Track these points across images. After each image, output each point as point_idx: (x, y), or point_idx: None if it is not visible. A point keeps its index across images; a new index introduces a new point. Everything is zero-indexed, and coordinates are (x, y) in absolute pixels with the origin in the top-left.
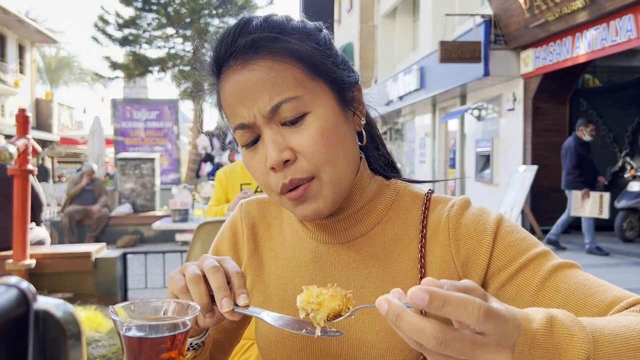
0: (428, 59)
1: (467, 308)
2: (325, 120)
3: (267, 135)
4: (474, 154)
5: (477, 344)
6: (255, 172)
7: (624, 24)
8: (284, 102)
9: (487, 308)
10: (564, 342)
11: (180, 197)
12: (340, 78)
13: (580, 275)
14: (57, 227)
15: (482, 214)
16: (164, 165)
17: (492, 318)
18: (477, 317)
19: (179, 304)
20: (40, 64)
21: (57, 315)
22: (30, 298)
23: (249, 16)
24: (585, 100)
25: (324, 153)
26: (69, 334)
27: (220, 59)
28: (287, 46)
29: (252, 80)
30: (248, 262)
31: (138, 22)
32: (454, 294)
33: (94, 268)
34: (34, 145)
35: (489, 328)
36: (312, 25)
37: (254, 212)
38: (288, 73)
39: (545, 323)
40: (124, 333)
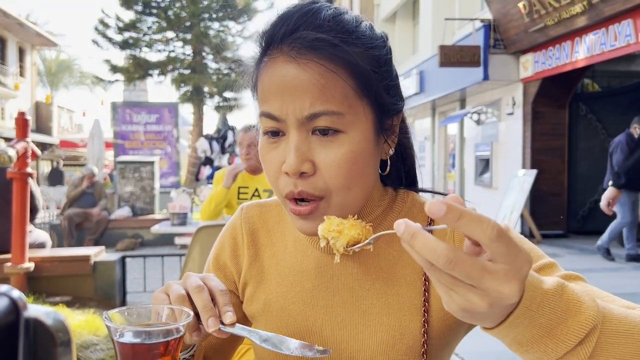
0: (428, 63)
1: (481, 224)
2: (357, 145)
3: (293, 138)
4: (474, 157)
5: (487, 270)
6: (268, 165)
7: (623, 29)
8: (325, 113)
9: (501, 229)
10: (573, 307)
11: (179, 200)
12: (386, 104)
13: (587, 286)
14: (56, 230)
15: None
16: (163, 169)
17: (504, 241)
18: (490, 234)
19: (172, 309)
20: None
21: (47, 323)
22: (20, 306)
23: (314, 6)
24: (585, 105)
25: (343, 178)
26: (58, 341)
27: (274, 39)
28: (347, 57)
29: (299, 78)
30: (248, 269)
31: (138, 25)
32: (471, 210)
33: (93, 271)
34: (34, 148)
35: (499, 250)
36: (378, 35)
37: (255, 217)
38: (338, 85)
39: (556, 286)
40: (118, 339)
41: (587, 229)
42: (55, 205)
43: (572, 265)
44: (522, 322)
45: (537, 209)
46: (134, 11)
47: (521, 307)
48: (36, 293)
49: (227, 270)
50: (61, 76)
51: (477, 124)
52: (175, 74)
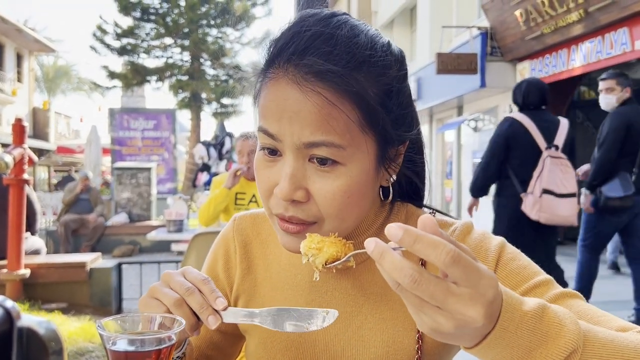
0: (425, 70)
1: (435, 249)
2: (355, 179)
3: (288, 162)
4: (471, 164)
5: (450, 292)
6: (261, 181)
7: (619, 37)
8: (324, 144)
9: (457, 254)
10: (553, 330)
11: (176, 207)
12: (391, 136)
13: (583, 305)
14: (52, 237)
15: (484, 239)
16: (160, 175)
17: (460, 265)
18: (444, 259)
19: (164, 317)
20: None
21: (40, 332)
22: (14, 316)
23: (335, 24)
24: (582, 112)
25: (337, 210)
26: (50, 350)
27: (281, 55)
28: (355, 89)
29: (301, 104)
30: (241, 282)
31: (136, 32)
32: (428, 235)
33: (89, 278)
34: (30, 154)
35: (456, 275)
36: (394, 55)
37: (248, 228)
38: (341, 118)
39: (537, 308)
40: (110, 347)
41: None
42: (52, 211)
43: (568, 273)
44: (500, 343)
45: None
46: (132, 17)
47: (498, 328)
48: (32, 300)
49: (219, 282)
50: (59, 82)
51: (474, 131)
52: (173, 80)
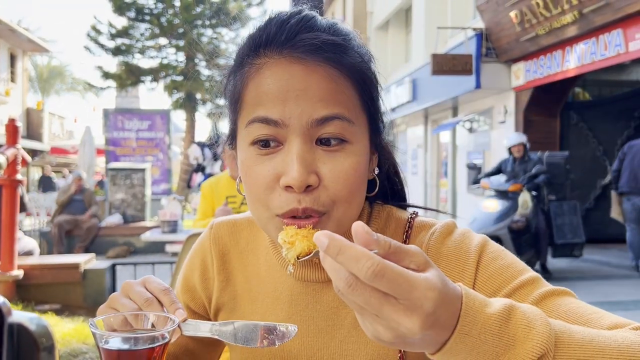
0: (420, 71)
1: (358, 262)
2: (361, 157)
3: (295, 147)
4: (466, 165)
5: (386, 301)
6: (257, 181)
7: (613, 39)
8: (338, 117)
9: (379, 268)
10: (521, 333)
11: (170, 208)
12: (378, 121)
13: (572, 302)
14: (46, 238)
15: (464, 240)
16: (155, 176)
17: (385, 279)
18: (365, 274)
19: (158, 316)
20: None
21: (31, 328)
22: (4, 312)
23: (310, 12)
24: (576, 114)
25: (348, 191)
26: (41, 346)
27: (271, 43)
28: (352, 61)
29: (310, 80)
30: (220, 295)
31: (131, 32)
32: (353, 246)
33: (83, 279)
34: (24, 155)
35: (383, 288)
36: (368, 51)
37: (225, 237)
38: (347, 92)
39: (502, 310)
40: (103, 345)
41: None
42: (46, 212)
43: (563, 274)
44: (463, 349)
45: None
46: (127, 18)
47: (457, 333)
48: (25, 301)
49: (196, 294)
50: (53, 82)
51: (469, 132)
52: (167, 81)
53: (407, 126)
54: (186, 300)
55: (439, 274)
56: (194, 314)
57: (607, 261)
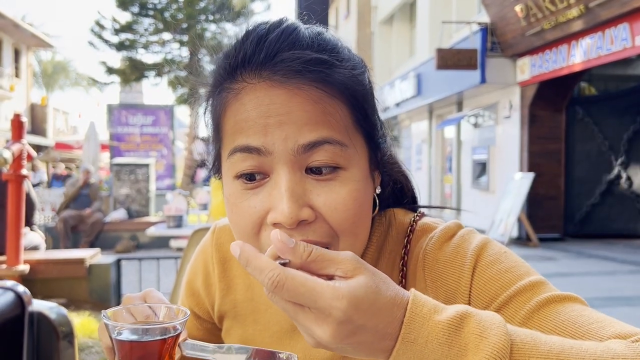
0: (425, 65)
1: (262, 273)
2: (360, 183)
3: (283, 178)
4: (471, 161)
5: (300, 309)
6: (243, 219)
7: (619, 33)
8: (328, 142)
9: (280, 279)
10: (472, 343)
11: (175, 203)
12: (376, 135)
13: (575, 310)
14: (51, 233)
15: (462, 244)
16: (159, 171)
17: (285, 290)
18: (267, 285)
19: (169, 308)
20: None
21: (51, 317)
22: (25, 301)
23: (292, 24)
24: (582, 108)
25: (351, 223)
26: (61, 335)
27: (247, 64)
28: (341, 79)
29: (290, 103)
30: (222, 302)
31: (134, 27)
32: (259, 258)
33: (88, 274)
34: (29, 150)
35: (286, 297)
36: (358, 58)
37: (227, 243)
38: (337, 112)
39: (453, 317)
40: (116, 337)
41: (583, 232)
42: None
43: (569, 269)
44: (411, 357)
45: (534, 212)
46: (130, 13)
47: (402, 341)
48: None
49: (200, 298)
50: (57, 78)
51: (474, 127)
52: (171, 76)
53: (411, 121)
54: (191, 305)
55: (367, 281)
56: (199, 318)
57: (612, 256)
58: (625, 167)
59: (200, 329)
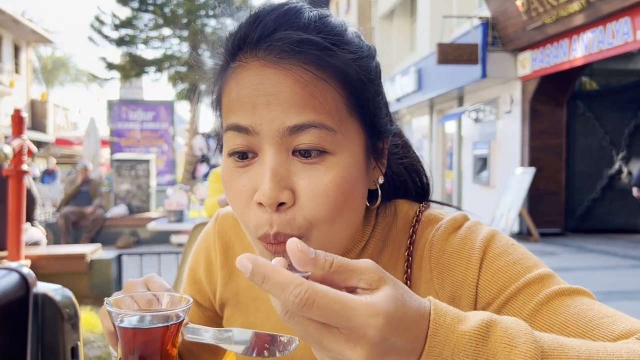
0: (425, 60)
1: (285, 290)
2: (347, 170)
3: (269, 158)
4: (471, 156)
5: (326, 330)
6: (234, 195)
7: (620, 27)
8: (314, 126)
9: (309, 296)
10: (501, 352)
11: (176, 197)
12: (376, 123)
13: (584, 304)
14: (52, 228)
15: (469, 235)
16: (159, 167)
17: (314, 308)
18: (293, 302)
19: (172, 296)
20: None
21: (56, 299)
22: (30, 282)
23: (295, 5)
24: (583, 103)
25: (328, 210)
26: (66, 317)
27: (246, 43)
28: (337, 63)
29: (280, 84)
30: (223, 290)
31: (134, 22)
32: (280, 272)
33: (89, 269)
34: (30, 145)
35: (315, 317)
36: (366, 46)
37: (230, 230)
38: (328, 96)
39: (479, 326)
40: (119, 324)
41: (584, 227)
42: (51, 203)
43: (570, 264)
44: None
45: (535, 207)
46: (130, 8)
47: (427, 355)
48: None
49: (201, 286)
50: (57, 73)
51: (475, 122)
52: (171, 72)
53: (412, 116)
54: (193, 293)
55: (394, 293)
56: (200, 307)
57: (614, 251)
58: (626, 162)
59: (201, 317)
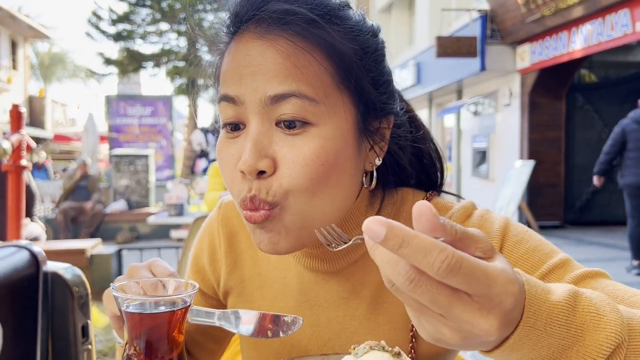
0: (424, 54)
1: (428, 255)
2: (330, 142)
3: (252, 128)
4: (471, 149)
5: (457, 298)
6: (223, 164)
7: (619, 19)
8: (295, 95)
9: (456, 260)
10: (590, 322)
11: (176, 191)
12: (371, 100)
13: (609, 284)
14: (51, 224)
15: (484, 223)
16: (158, 162)
17: (460, 274)
18: (439, 268)
19: (178, 282)
20: (34, 60)
21: (66, 277)
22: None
23: None
24: (582, 96)
25: (307, 179)
26: (76, 295)
27: (239, 18)
28: (324, 36)
29: (264, 55)
30: (228, 278)
31: (132, 17)
32: (419, 236)
33: (90, 264)
34: (29, 141)
35: (457, 284)
36: (368, 25)
37: (234, 218)
38: (312, 67)
39: (568, 297)
40: (125, 309)
41: (583, 219)
42: (50, 199)
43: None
44: (526, 344)
45: (534, 200)
46: (128, 3)
47: (523, 326)
48: None
49: (205, 275)
50: (54, 69)
51: (474, 116)
52: (169, 67)
53: None
54: (196, 281)
55: (507, 261)
56: (203, 295)
57: (613, 243)
58: None
59: (205, 305)
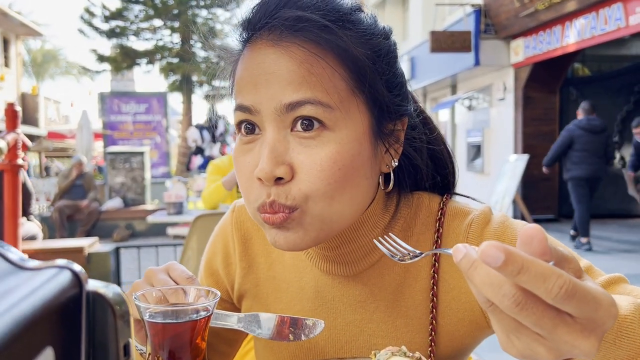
0: (418, 49)
1: (547, 281)
2: (345, 147)
3: (269, 136)
4: (465, 144)
5: (560, 320)
6: (240, 170)
7: (613, 13)
8: (310, 102)
9: (572, 286)
10: None
11: (175, 190)
12: (386, 103)
13: (634, 290)
14: (47, 222)
15: (505, 230)
16: (153, 159)
17: (575, 299)
18: (557, 294)
19: (199, 290)
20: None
21: (108, 296)
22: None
23: None
24: (576, 89)
25: (325, 184)
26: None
27: (252, 26)
28: (337, 42)
29: (278, 62)
30: (242, 281)
31: (125, 14)
32: (537, 262)
33: (87, 262)
34: (24, 139)
35: (569, 309)
36: (380, 27)
37: (248, 221)
38: (326, 74)
39: (634, 310)
40: (148, 319)
41: None
42: (45, 197)
43: None
44: (596, 357)
45: (528, 193)
46: None
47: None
48: None
49: (219, 278)
50: (47, 66)
51: (468, 110)
52: (163, 63)
53: None
54: (210, 285)
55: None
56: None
57: (607, 236)
58: (619, 148)
59: (219, 308)
